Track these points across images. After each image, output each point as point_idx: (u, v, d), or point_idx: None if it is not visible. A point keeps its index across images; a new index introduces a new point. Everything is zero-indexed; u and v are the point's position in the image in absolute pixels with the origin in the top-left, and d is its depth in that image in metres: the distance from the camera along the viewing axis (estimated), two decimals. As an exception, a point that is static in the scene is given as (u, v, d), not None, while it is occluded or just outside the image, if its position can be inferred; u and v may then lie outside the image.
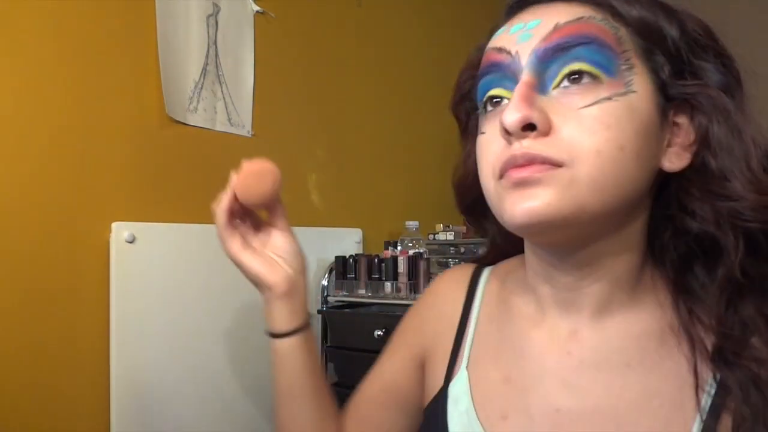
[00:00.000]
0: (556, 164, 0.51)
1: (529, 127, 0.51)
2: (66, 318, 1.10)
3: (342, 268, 1.51)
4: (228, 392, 1.33)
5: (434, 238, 1.78)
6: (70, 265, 1.11)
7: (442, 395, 0.63)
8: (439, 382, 0.65)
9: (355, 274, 1.50)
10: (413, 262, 1.44)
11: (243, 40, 1.46)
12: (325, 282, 1.54)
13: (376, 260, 1.49)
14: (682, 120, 0.55)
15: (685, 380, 0.53)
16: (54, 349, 1.09)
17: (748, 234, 0.52)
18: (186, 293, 1.26)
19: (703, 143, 0.54)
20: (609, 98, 0.51)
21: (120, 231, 1.17)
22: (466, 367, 0.63)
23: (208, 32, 1.37)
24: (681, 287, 0.57)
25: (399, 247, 1.63)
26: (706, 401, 0.52)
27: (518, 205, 0.51)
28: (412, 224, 1.66)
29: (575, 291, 0.58)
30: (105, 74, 1.17)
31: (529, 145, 0.51)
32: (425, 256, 1.48)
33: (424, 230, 1.75)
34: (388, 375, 0.73)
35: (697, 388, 0.52)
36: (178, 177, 1.30)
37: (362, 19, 1.79)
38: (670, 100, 0.55)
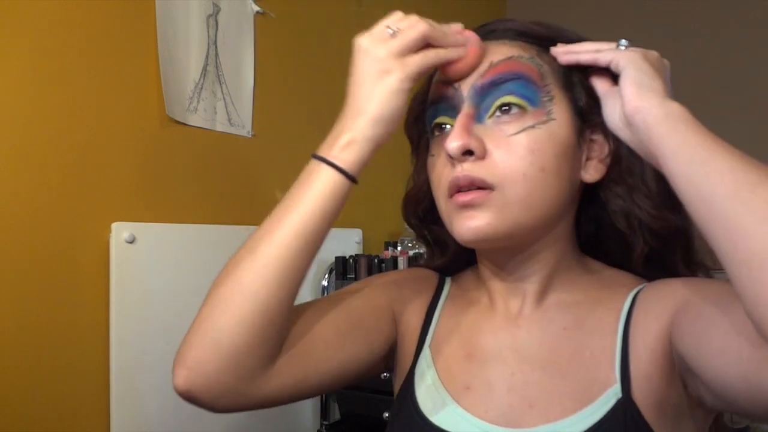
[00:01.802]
0: (489, 187, 0.62)
1: (468, 152, 0.62)
2: (66, 318, 1.10)
3: (342, 268, 1.51)
4: (228, 392, 1.33)
5: (434, 238, 1.78)
6: (70, 265, 1.11)
7: (409, 375, 0.71)
8: (408, 365, 0.72)
9: (355, 274, 1.49)
10: (413, 262, 1.44)
11: (243, 40, 1.46)
12: (325, 282, 1.54)
13: (376, 260, 1.49)
14: (597, 137, 0.67)
15: (605, 331, 0.64)
16: (54, 349, 1.09)
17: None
18: (186, 293, 1.25)
19: (615, 159, 0.67)
20: (533, 126, 0.63)
21: (120, 231, 1.16)
22: (429, 346, 0.72)
23: (208, 32, 1.37)
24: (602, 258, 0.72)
25: (399, 248, 1.63)
26: (618, 343, 0.63)
27: (465, 225, 0.63)
28: (412, 224, 1.66)
29: (519, 281, 0.69)
30: (105, 74, 1.17)
31: (468, 168, 0.62)
32: (425, 257, 1.47)
33: (424, 230, 1.74)
34: (355, 310, 0.72)
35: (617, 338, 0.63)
36: (178, 177, 1.30)
37: (362, 19, 1.78)
38: (586, 122, 0.66)
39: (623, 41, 0.63)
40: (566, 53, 0.65)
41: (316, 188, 0.63)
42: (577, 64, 0.65)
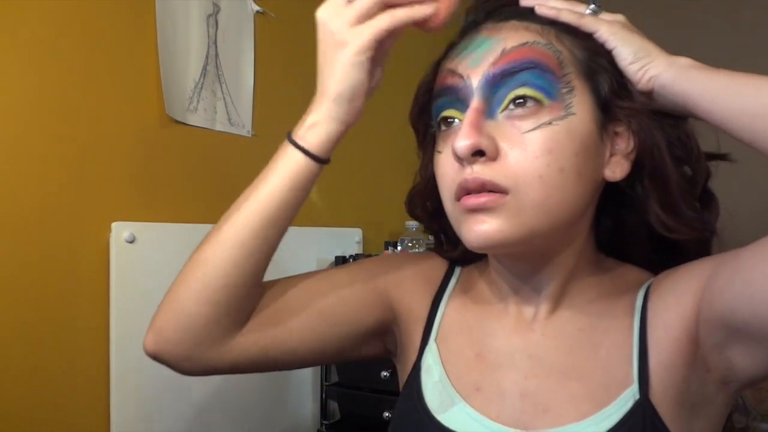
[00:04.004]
0: (503, 191, 0.57)
1: (478, 152, 0.57)
2: (66, 318, 1.10)
3: (342, 268, 1.51)
4: (227, 391, 1.33)
5: (434, 238, 1.78)
6: (70, 265, 1.11)
7: (415, 368, 0.68)
8: (413, 357, 0.69)
9: (355, 274, 1.49)
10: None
11: (243, 40, 1.46)
12: (325, 282, 1.53)
13: (376, 260, 1.49)
14: (621, 129, 0.61)
15: (620, 329, 0.62)
16: (54, 349, 1.09)
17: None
18: (186, 293, 1.25)
19: (640, 155, 0.61)
20: (549, 123, 0.57)
21: (120, 231, 1.16)
22: (435, 340, 0.68)
23: (208, 32, 1.37)
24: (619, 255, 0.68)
25: (399, 247, 1.63)
26: (635, 339, 0.60)
27: (473, 230, 0.58)
28: (412, 224, 1.66)
29: (535, 288, 0.65)
30: (105, 74, 1.17)
31: (479, 170, 0.57)
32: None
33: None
34: (340, 287, 0.70)
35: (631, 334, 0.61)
36: (178, 177, 1.30)
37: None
38: (609, 114, 0.61)
39: (593, 6, 0.62)
40: (548, 7, 0.62)
41: (281, 168, 0.63)
42: (557, 20, 0.61)
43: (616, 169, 0.61)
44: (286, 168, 0.63)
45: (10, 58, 1.04)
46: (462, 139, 0.57)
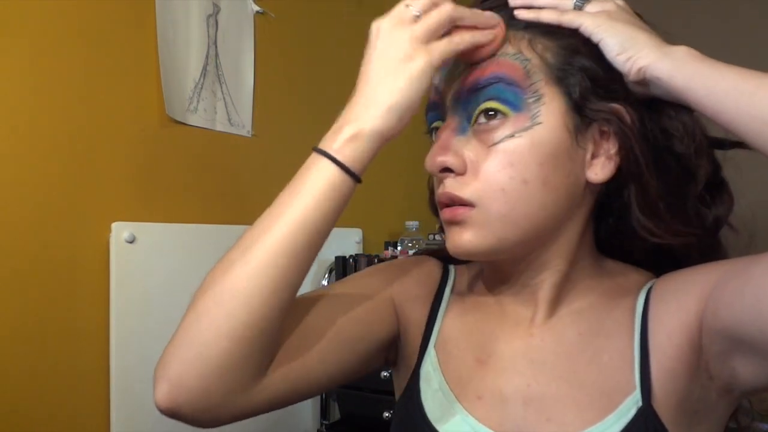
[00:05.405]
0: (469, 204, 0.59)
1: (447, 169, 0.59)
2: (66, 318, 1.10)
3: (342, 268, 1.51)
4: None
5: (434, 238, 1.78)
6: (70, 265, 1.11)
7: (414, 375, 0.67)
8: (412, 364, 0.68)
9: (355, 274, 1.50)
10: (413, 262, 1.44)
11: (243, 40, 1.46)
12: (325, 282, 1.54)
13: (376, 260, 1.49)
14: (606, 128, 0.60)
15: (621, 333, 0.61)
16: (54, 349, 1.09)
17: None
18: (186, 293, 1.25)
19: (625, 155, 0.60)
20: (512, 135, 0.58)
21: (120, 231, 1.17)
22: (434, 345, 0.68)
23: (208, 32, 1.37)
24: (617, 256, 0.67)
25: (399, 247, 1.63)
26: (636, 344, 0.60)
27: (450, 239, 0.61)
28: (412, 224, 1.67)
29: (528, 290, 0.65)
30: (105, 74, 1.17)
31: (449, 185, 0.60)
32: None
33: (425, 230, 1.75)
34: (353, 304, 0.67)
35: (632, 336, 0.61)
36: (178, 177, 1.30)
37: (362, 19, 1.79)
38: (586, 116, 0.59)
39: None
40: (527, 10, 0.60)
41: (315, 185, 0.56)
42: (539, 23, 0.60)
43: (599, 171, 0.60)
44: (320, 184, 0.56)
45: (10, 58, 1.04)
46: (429, 158, 0.60)
